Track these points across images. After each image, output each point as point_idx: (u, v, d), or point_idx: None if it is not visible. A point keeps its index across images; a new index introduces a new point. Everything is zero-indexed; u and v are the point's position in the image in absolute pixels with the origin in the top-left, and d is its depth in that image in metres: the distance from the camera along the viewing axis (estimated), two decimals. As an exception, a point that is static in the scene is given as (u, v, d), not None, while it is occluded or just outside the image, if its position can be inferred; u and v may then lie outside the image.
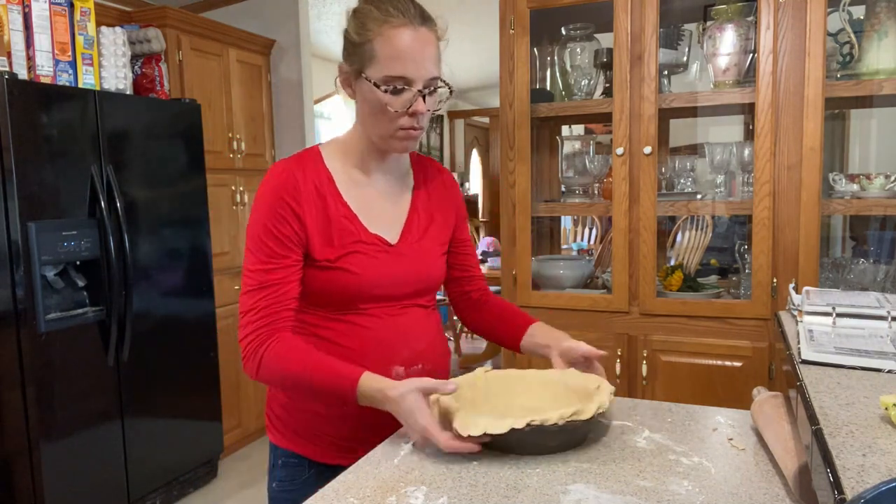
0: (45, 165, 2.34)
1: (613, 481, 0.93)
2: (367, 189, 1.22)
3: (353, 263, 1.16)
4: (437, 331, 1.31)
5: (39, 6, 2.42)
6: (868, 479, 0.62)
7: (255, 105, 3.62)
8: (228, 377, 3.33)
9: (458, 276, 1.39)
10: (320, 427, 1.21)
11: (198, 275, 3.03)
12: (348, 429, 1.20)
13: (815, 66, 1.89)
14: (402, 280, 1.21)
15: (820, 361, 1.01)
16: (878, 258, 2.10)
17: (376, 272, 1.17)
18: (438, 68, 1.12)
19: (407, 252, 1.22)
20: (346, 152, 1.22)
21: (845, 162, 2.81)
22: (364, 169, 1.22)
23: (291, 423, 1.23)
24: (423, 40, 1.09)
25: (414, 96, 1.10)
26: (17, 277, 2.29)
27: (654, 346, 2.12)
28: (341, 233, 1.16)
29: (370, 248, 1.18)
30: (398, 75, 1.08)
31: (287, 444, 1.24)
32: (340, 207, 1.17)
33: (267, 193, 1.14)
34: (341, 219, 1.17)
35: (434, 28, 1.12)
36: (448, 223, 1.33)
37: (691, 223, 2.56)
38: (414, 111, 1.11)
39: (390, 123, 1.12)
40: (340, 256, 1.15)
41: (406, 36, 1.08)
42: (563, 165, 2.49)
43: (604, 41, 2.31)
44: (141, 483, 2.74)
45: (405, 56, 1.08)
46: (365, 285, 1.17)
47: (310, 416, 1.21)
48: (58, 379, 2.39)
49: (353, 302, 1.18)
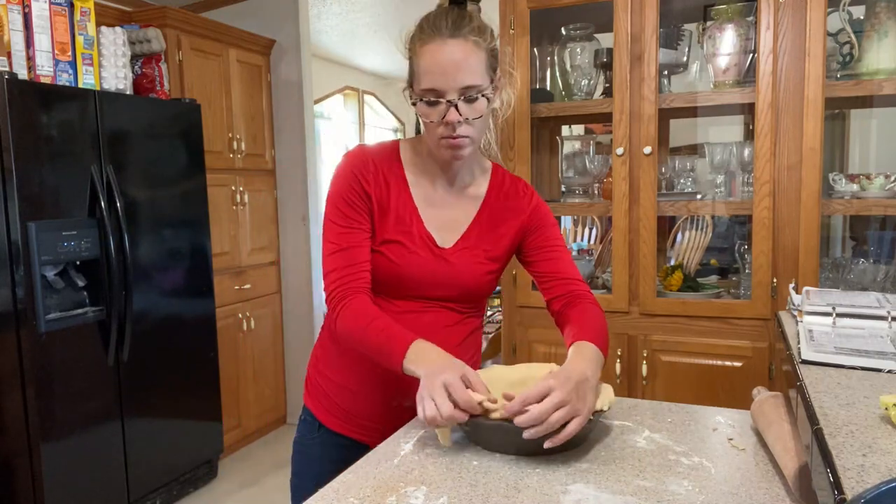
0: (45, 165, 2.34)
1: (613, 481, 0.93)
2: (433, 192, 1.27)
3: (394, 252, 1.22)
4: (465, 338, 1.30)
5: (39, 6, 2.42)
6: (868, 479, 0.62)
7: (255, 105, 3.62)
8: (228, 377, 3.33)
9: (540, 281, 1.34)
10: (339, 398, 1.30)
11: (198, 275, 3.03)
12: (362, 404, 1.28)
13: (815, 66, 1.89)
14: (438, 282, 1.24)
15: (820, 361, 1.01)
16: (878, 258, 2.10)
17: (414, 268, 1.22)
18: (477, 76, 1.14)
19: (452, 258, 1.25)
20: (417, 154, 1.28)
21: (845, 162, 2.81)
22: (427, 173, 1.27)
23: (318, 388, 1.33)
24: (451, 52, 1.12)
25: (446, 106, 1.14)
26: (17, 277, 2.29)
27: (654, 346, 2.12)
28: (396, 221, 1.22)
29: (416, 244, 1.23)
30: (429, 88, 1.14)
31: (308, 403, 1.36)
32: (404, 197, 1.24)
33: (343, 169, 1.24)
34: (401, 208, 1.23)
35: (469, 38, 1.14)
36: (508, 236, 1.29)
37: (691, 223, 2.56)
38: (447, 121, 1.14)
39: (431, 133, 1.18)
40: (386, 242, 1.22)
41: (434, 51, 1.13)
42: (563, 165, 2.48)
43: (604, 41, 2.31)
44: (141, 483, 2.74)
45: (433, 70, 1.13)
46: (396, 277, 1.22)
47: (333, 386, 1.30)
48: (58, 379, 2.39)
49: (384, 289, 1.23)
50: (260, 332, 3.63)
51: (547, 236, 1.32)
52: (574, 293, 1.28)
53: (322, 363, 1.34)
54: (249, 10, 3.71)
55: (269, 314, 3.73)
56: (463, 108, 1.14)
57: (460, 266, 1.25)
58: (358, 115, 6.38)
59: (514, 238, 1.31)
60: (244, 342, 3.51)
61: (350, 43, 5.36)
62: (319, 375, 1.34)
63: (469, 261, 1.26)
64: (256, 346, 3.61)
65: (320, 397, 1.33)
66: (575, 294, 1.28)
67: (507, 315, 2.30)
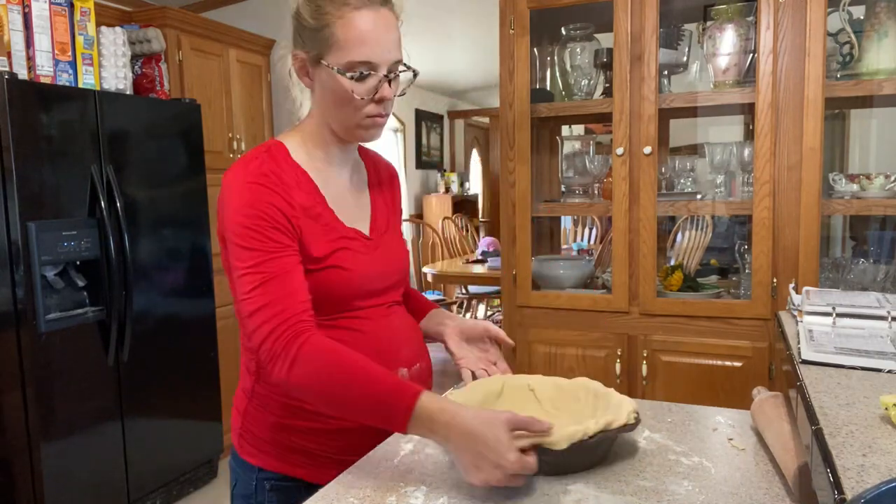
0: (45, 165, 2.34)
1: (613, 481, 0.93)
2: (335, 182, 1.15)
3: (344, 259, 1.10)
4: (417, 327, 1.29)
5: (39, 6, 2.42)
6: (868, 479, 0.62)
7: (255, 105, 3.62)
8: (228, 377, 3.32)
9: None
10: (323, 444, 1.11)
11: (198, 275, 3.03)
12: (350, 438, 1.11)
13: (815, 66, 1.89)
14: (385, 273, 1.18)
15: (820, 361, 1.01)
16: (878, 258, 2.10)
17: (365, 267, 1.13)
18: (400, 51, 1.06)
19: (381, 245, 1.18)
20: (308, 144, 1.14)
21: (845, 162, 2.81)
22: (329, 161, 1.15)
23: (285, 445, 1.12)
24: (385, 22, 1.03)
25: (379, 82, 1.04)
26: (17, 277, 2.29)
27: (654, 346, 2.12)
28: (325, 229, 1.09)
29: (353, 243, 1.13)
30: (362, 60, 1.02)
31: (279, 467, 1.12)
32: (319, 201, 1.10)
33: (244, 187, 1.02)
34: (322, 213, 1.10)
35: (394, 9, 1.06)
36: (399, 213, 1.30)
37: (691, 223, 2.56)
38: (381, 97, 1.05)
39: (356, 112, 1.06)
40: (329, 254, 1.08)
41: (368, 18, 1.02)
42: (563, 165, 2.48)
43: (604, 41, 2.31)
44: (141, 483, 2.74)
45: (369, 39, 1.02)
46: (356, 280, 1.11)
47: (310, 434, 1.11)
48: (58, 379, 2.39)
49: (347, 301, 1.11)
50: (260, 332, 3.63)
51: None
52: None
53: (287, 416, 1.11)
54: (249, 10, 3.71)
55: (269, 314, 3.72)
56: (392, 84, 1.06)
57: (388, 249, 1.19)
58: (358, 115, 6.37)
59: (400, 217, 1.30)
60: (244, 342, 3.51)
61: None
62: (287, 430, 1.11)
63: (390, 243, 1.21)
64: (256, 346, 3.60)
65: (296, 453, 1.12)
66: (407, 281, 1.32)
67: (507, 315, 2.30)
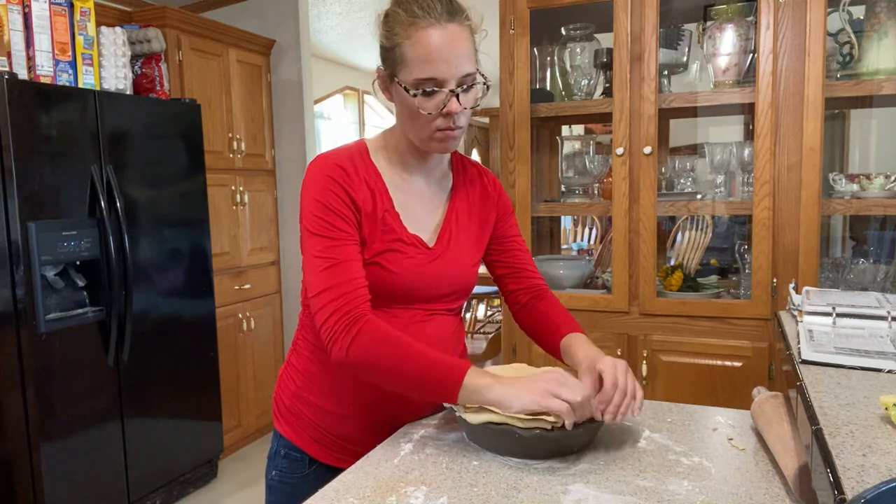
0: (45, 165, 2.34)
1: (613, 481, 0.93)
2: (409, 189, 1.20)
3: (391, 261, 1.14)
4: (460, 339, 1.29)
5: (39, 6, 2.42)
6: (868, 479, 0.62)
7: (255, 105, 3.62)
8: (228, 377, 3.33)
9: (502, 273, 1.34)
10: (327, 425, 1.21)
11: (198, 275, 3.03)
12: (354, 429, 1.19)
13: (815, 66, 1.89)
14: (436, 283, 1.19)
15: (820, 361, 1.01)
16: (878, 258, 2.10)
17: (412, 272, 1.16)
18: (473, 63, 1.08)
19: (442, 255, 1.20)
20: (389, 150, 1.20)
21: (845, 162, 2.81)
22: (406, 168, 1.20)
23: (299, 416, 1.23)
24: (451, 38, 1.05)
25: (447, 97, 1.07)
26: (17, 277, 2.29)
27: (654, 346, 2.12)
28: (384, 229, 1.14)
29: (409, 248, 1.16)
30: (428, 77, 1.06)
31: (292, 437, 1.23)
32: (386, 203, 1.16)
33: (319, 178, 1.12)
34: (385, 215, 1.15)
35: (465, 22, 1.08)
36: (487, 225, 1.29)
37: (691, 223, 2.56)
38: (448, 112, 1.08)
39: (426, 126, 1.10)
40: (380, 252, 1.13)
41: (433, 36, 1.04)
42: (563, 165, 2.48)
43: (604, 41, 2.31)
44: (141, 483, 2.74)
45: (433, 57, 1.05)
46: (399, 284, 1.15)
47: (319, 412, 1.21)
48: (58, 379, 2.39)
49: (383, 301, 1.15)
50: (260, 332, 3.63)
51: (510, 225, 1.33)
52: (539, 287, 1.33)
53: (305, 389, 1.23)
54: (249, 10, 3.71)
55: (269, 314, 3.73)
56: (462, 98, 1.08)
57: (450, 262, 1.20)
58: (358, 115, 6.39)
59: (490, 226, 1.30)
60: (244, 342, 3.51)
61: (350, 43, 5.36)
62: (302, 402, 1.23)
63: (456, 255, 1.22)
64: (256, 346, 3.61)
65: (306, 427, 1.22)
66: (541, 288, 1.33)
67: (507, 315, 2.30)
